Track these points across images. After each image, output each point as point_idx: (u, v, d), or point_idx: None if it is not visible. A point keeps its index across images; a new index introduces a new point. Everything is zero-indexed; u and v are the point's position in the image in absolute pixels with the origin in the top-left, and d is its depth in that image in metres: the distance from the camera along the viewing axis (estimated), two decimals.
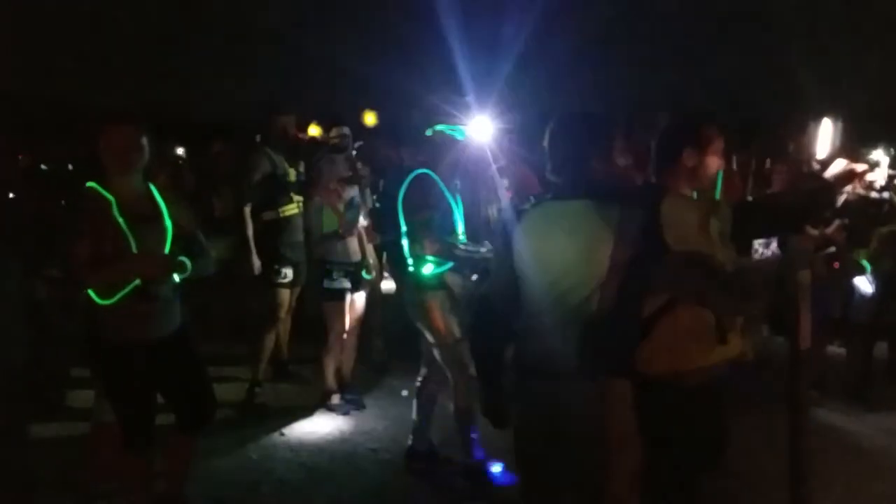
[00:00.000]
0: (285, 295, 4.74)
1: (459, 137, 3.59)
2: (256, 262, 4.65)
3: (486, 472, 3.53)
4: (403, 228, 3.56)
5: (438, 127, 3.58)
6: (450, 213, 3.52)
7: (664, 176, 2.42)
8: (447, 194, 3.54)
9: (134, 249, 2.75)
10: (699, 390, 2.27)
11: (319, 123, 6.55)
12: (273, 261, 4.67)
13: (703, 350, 2.25)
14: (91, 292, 2.76)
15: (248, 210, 4.65)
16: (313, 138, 6.35)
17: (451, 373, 3.54)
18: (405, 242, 3.57)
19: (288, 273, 4.69)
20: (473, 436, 3.59)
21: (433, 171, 3.54)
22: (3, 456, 3.50)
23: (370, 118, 7.12)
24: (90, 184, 2.78)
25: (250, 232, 4.64)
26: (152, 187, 2.92)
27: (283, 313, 4.78)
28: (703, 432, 2.32)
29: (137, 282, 2.77)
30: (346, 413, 4.61)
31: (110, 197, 2.76)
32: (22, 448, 3.58)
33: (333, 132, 5.74)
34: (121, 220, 2.74)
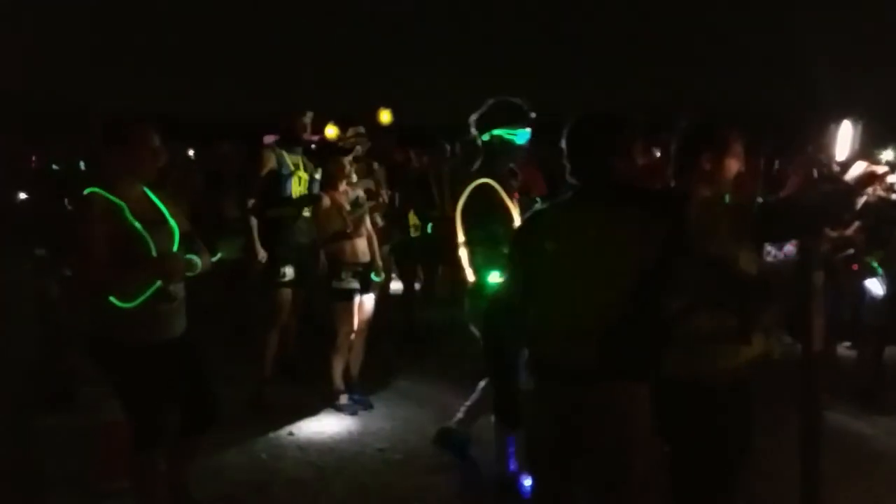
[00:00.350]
0: (286, 294, 4.74)
1: (519, 142, 3.45)
2: (261, 252, 4.67)
3: (518, 485, 3.51)
4: (462, 238, 3.47)
5: (496, 131, 3.43)
6: (510, 221, 3.41)
7: (682, 178, 2.41)
8: (507, 202, 3.42)
9: (153, 252, 2.76)
10: (724, 391, 2.26)
11: (336, 123, 6.55)
12: (274, 260, 4.69)
13: (727, 351, 2.25)
14: (111, 297, 2.76)
15: (251, 204, 4.69)
16: (323, 139, 6.36)
17: None
18: (464, 252, 3.47)
19: (288, 272, 4.70)
20: (511, 448, 3.56)
21: (493, 178, 3.41)
22: (13, 454, 3.52)
23: (386, 116, 7.07)
24: (93, 189, 2.75)
25: (254, 225, 4.67)
26: (147, 189, 2.93)
27: (285, 312, 4.78)
28: (730, 433, 2.31)
29: (158, 283, 2.79)
30: (353, 413, 4.62)
31: (119, 202, 2.76)
32: (32, 446, 3.60)
33: (350, 132, 5.75)
34: (137, 224, 2.75)
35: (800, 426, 2.48)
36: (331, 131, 6.53)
